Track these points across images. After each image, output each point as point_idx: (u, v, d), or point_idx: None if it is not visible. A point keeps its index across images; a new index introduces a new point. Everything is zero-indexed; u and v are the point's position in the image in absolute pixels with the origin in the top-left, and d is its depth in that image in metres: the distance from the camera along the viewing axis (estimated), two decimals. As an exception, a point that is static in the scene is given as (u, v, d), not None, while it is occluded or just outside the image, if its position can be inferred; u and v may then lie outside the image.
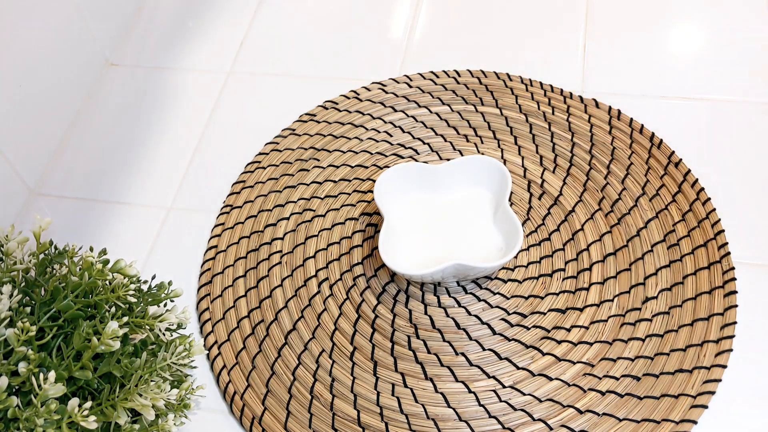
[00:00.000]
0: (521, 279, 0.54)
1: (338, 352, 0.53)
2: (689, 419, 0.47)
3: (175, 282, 0.54)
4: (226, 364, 0.53)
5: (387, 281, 0.55)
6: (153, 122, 0.68)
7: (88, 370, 0.43)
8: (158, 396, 0.45)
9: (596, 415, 0.48)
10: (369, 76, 0.68)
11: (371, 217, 0.59)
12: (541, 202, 0.58)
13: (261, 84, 0.69)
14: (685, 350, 0.50)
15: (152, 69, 0.72)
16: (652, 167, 0.58)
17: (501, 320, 0.53)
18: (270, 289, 0.56)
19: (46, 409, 0.40)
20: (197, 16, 0.76)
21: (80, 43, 0.69)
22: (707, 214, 0.55)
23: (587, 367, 0.50)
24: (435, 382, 0.51)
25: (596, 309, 0.52)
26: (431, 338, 0.52)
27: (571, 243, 0.55)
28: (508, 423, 0.49)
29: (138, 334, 0.48)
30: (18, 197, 0.63)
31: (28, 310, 0.45)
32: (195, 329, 0.56)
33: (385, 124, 0.64)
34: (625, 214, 0.56)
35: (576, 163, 0.59)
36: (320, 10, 0.75)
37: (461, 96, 0.65)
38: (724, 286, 0.52)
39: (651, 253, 0.54)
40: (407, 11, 0.73)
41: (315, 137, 0.64)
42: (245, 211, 0.60)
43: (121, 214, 0.62)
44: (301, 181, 0.61)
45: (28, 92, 0.63)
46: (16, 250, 0.49)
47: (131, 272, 0.48)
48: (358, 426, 0.50)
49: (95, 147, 0.67)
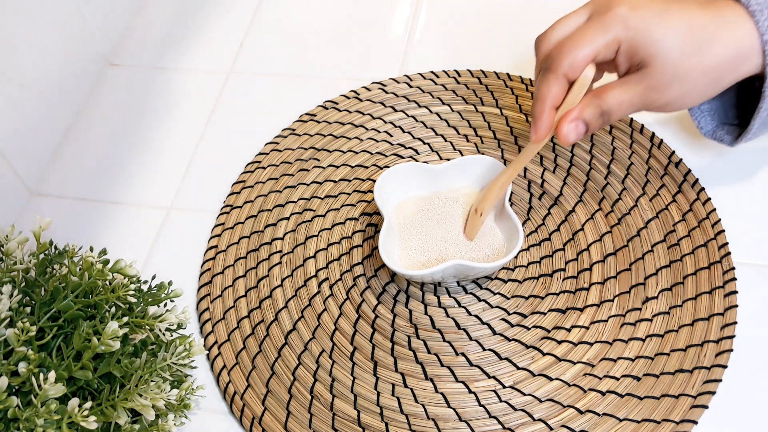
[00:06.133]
0: (521, 279, 0.54)
1: (338, 352, 0.53)
2: (689, 419, 0.47)
3: (175, 282, 0.54)
4: (226, 364, 0.53)
5: (387, 281, 0.55)
6: (153, 122, 0.68)
7: (88, 370, 0.43)
8: (158, 396, 0.45)
9: (596, 416, 0.48)
10: (369, 76, 0.68)
11: (371, 217, 0.59)
12: (541, 202, 0.58)
13: (261, 84, 0.69)
14: (686, 350, 0.50)
15: (152, 69, 0.72)
16: (652, 167, 0.58)
17: (501, 320, 0.53)
18: (270, 289, 0.56)
19: (46, 409, 0.40)
20: (197, 16, 0.76)
21: (80, 43, 0.69)
22: (707, 214, 0.55)
23: (587, 367, 0.50)
24: (435, 382, 0.51)
25: (596, 309, 0.52)
26: (431, 338, 0.52)
27: (572, 243, 0.55)
28: (509, 423, 0.49)
29: (138, 334, 0.48)
30: (18, 197, 0.63)
31: (28, 310, 0.45)
32: (195, 329, 0.56)
33: (385, 124, 0.64)
34: (626, 214, 0.56)
35: (576, 163, 0.59)
36: (320, 10, 0.75)
37: (461, 96, 0.65)
38: (724, 286, 0.52)
39: (651, 253, 0.54)
40: (407, 11, 0.73)
41: (315, 137, 0.64)
42: (245, 211, 0.60)
43: (121, 214, 0.62)
44: (301, 181, 0.61)
45: (28, 92, 0.63)
46: (16, 250, 0.49)
47: (131, 272, 0.48)
48: (358, 426, 0.50)
49: (95, 147, 0.67)
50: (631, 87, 0.47)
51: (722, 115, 0.54)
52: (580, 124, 0.48)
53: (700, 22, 0.46)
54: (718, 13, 0.47)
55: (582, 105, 0.48)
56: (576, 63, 0.47)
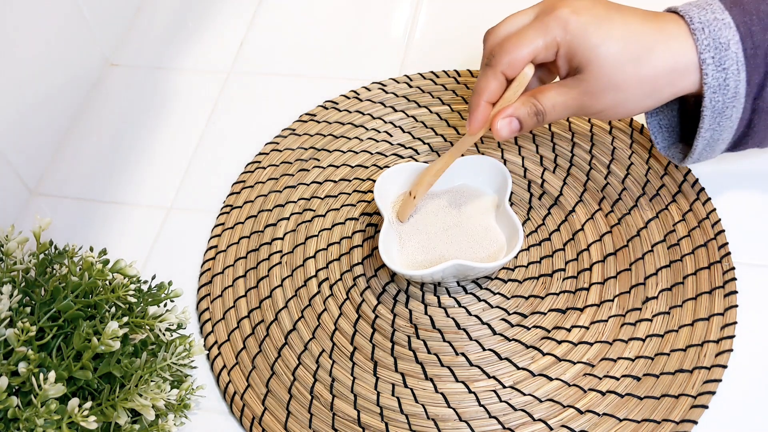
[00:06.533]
0: (521, 279, 0.54)
1: (338, 352, 0.53)
2: (690, 419, 0.47)
3: (175, 282, 0.54)
4: (226, 364, 0.53)
5: (387, 281, 0.55)
6: (153, 122, 0.68)
7: (88, 370, 0.43)
8: (158, 396, 0.45)
9: (597, 416, 0.48)
10: (369, 76, 0.68)
11: (371, 217, 0.59)
12: (541, 202, 0.58)
13: (261, 84, 0.69)
14: (686, 350, 0.50)
15: (152, 69, 0.72)
16: (652, 167, 0.58)
17: (501, 320, 0.53)
18: (270, 289, 0.56)
19: (46, 409, 0.40)
20: (197, 16, 0.76)
21: (80, 43, 0.69)
22: (707, 214, 0.55)
23: (587, 368, 0.50)
24: (435, 382, 0.51)
25: (596, 309, 0.52)
26: (431, 338, 0.52)
27: (572, 243, 0.55)
28: (509, 423, 0.49)
29: (138, 334, 0.48)
30: (18, 197, 0.63)
31: (28, 310, 0.45)
32: (195, 329, 0.56)
33: (386, 124, 0.64)
34: (626, 214, 0.56)
35: (576, 163, 0.59)
36: (320, 10, 0.75)
37: (461, 96, 0.65)
38: (724, 286, 0.52)
39: (651, 253, 0.54)
40: (407, 11, 0.73)
41: (315, 137, 0.64)
42: (245, 211, 0.60)
43: (121, 214, 0.62)
44: (301, 181, 0.61)
45: (28, 92, 0.63)
46: (16, 250, 0.49)
47: (131, 272, 0.48)
48: (358, 426, 0.50)
49: (95, 147, 0.67)
50: (567, 90, 0.48)
51: (679, 133, 0.54)
52: (514, 121, 0.49)
53: (639, 33, 0.46)
54: (659, 26, 0.47)
55: (518, 103, 0.48)
56: (515, 62, 0.47)
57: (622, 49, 0.46)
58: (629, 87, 0.47)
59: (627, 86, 0.47)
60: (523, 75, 0.48)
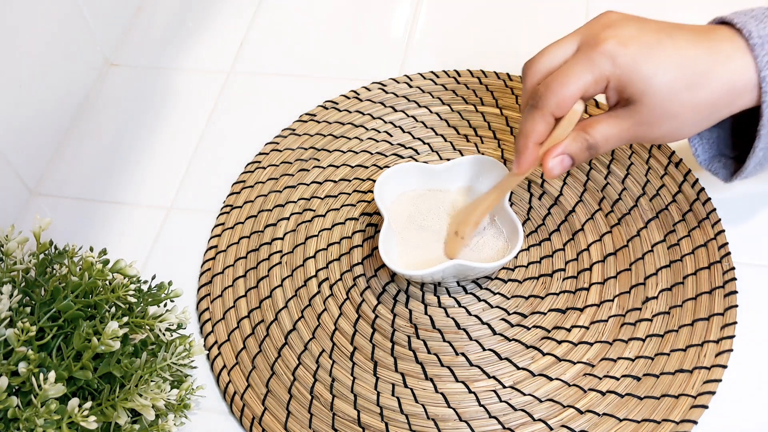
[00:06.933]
0: (521, 279, 0.54)
1: (338, 352, 0.53)
2: (690, 419, 0.47)
3: (175, 282, 0.54)
4: (226, 364, 0.53)
5: (387, 281, 0.55)
6: (153, 122, 0.68)
7: (88, 370, 0.43)
8: (158, 396, 0.45)
9: (596, 416, 0.48)
10: (369, 76, 0.68)
11: (371, 217, 0.59)
12: (541, 202, 0.58)
13: (261, 84, 0.69)
14: (686, 350, 0.50)
15: (152, 69, 0.72)
16: (652, 167, 0.58)
17: (501, 320, 0.53)
18: (270, 289, 0.56)
19: (46, 409, 0.40)
20: (197, 16, 0.76)
21: (80, 43, 0.69)
22: (707, 214, 0.55)
23: (587, 368, 0.50)
24: (435, 382, 0.51)
25: (596, 309, 0.52)
26: (431, 338, 0.52)
27: (572, 243, 0.55)
28: (509, 423, 0.49)
29: (138, 334, 0.48)
30: (18, 197, 0.63)
31: (28, 310, 0.45)
32: (195, 329, 0.56)
33: (386, 124, 0.64)
34: (626, 214, 0.56)
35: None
36: (320, 10, 0.75)
37: (461, 96, 0.65)
38: (724, 286, 0.52)
39: (651, 253, 0.54)
40: (407, 11, 0.73)
41: (315, 137, 0.64)
42: (245, 211, 0.60)
43: (121, 214, 0.62)
44: (301, 181, 0.61)
45: (28, 92, 0.63)
46: (16, 250, 0.49)
47: (131, 272, 0.48)
48: (358, 426, 0.50)
49: (95, 147, 0.67)
50: (619, 122, 0.46)
51: (721, 145, 0.53)
52: (566, 158, 0.47)
53: (693, 57, 0.44)
54: (713, 46, 0.45)
55: (569, 139, 0.47)
56: (563, 102, 0.45)
57: (676, 78, 0.44)
58: (685, 114, 0.45)
59: (683, 114, 0.45)
60: (573, 113, 0.46)
